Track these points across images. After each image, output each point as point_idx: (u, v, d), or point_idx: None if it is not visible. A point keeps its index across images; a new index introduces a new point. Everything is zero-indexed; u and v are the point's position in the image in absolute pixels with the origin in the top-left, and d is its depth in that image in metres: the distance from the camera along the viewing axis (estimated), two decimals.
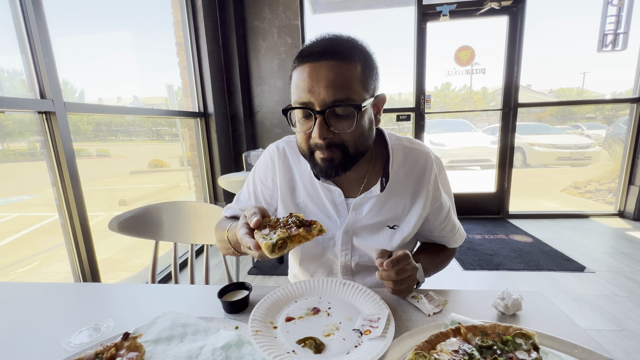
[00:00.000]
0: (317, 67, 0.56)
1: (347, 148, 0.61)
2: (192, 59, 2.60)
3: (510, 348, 0.44)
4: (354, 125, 0.57)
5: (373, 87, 0.62)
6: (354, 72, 0.57)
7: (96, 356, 0.46)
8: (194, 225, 1.07)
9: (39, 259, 2.03)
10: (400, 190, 0.72)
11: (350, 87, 0.56)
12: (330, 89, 0.55)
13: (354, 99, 0.57)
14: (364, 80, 0.58)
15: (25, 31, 1.27)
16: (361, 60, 0.58)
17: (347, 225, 0.73)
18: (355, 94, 0.57)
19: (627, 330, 1.50)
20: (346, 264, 0.76)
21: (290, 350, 0.49)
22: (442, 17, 2.89)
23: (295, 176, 0.77)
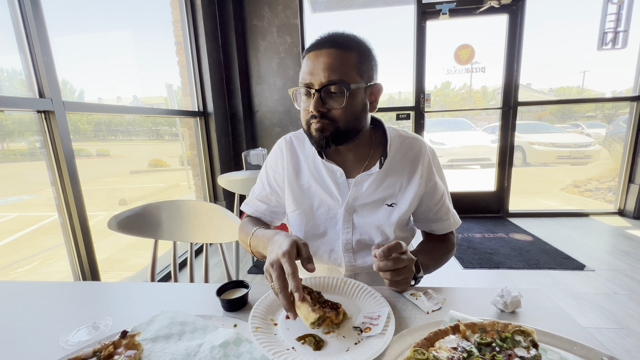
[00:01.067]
0: (319, 54, 0.66)
1: (338, 123, 0.69)
2: (192, 58, 2.60)
3: (509, 345, 0.44)
4: (344, 102, 0.66)
5: (368, 75, 0.70)
6: (350, 59, 0.66)
7: (94, 354, 0.45)
8: (194, 224, 1.07)
9: (38, 258, 2.03)
10: (397, 170, 0.78)
11: (344, 70, 0.65)
12: (326, 71, 0.65)
13: (346, 81, 0.66)
14: (358, 67, 0.67)
15: (23, 30, 1.27)
16: (357, 51, 0.67)
17: (348, 202, 0.77)
18: (349, 77, 0.66)
19: (627, 328, 1.50)
20: (347, 242, 0.79)
21: (290, 347, 0.49)
22: (441, 16, 2.89)
23: (300, 160, 0.84)
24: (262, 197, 0.88)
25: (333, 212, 0.79)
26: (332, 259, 0.81)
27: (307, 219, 0.81)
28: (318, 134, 0.70)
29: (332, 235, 0.81)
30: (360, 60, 0.67)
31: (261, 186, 0.89)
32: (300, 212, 0.81)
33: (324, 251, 0.82)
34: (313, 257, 0.81)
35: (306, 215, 0.81)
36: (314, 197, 0.81)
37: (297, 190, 0.82)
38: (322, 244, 0.82)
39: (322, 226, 0.81)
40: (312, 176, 0.81)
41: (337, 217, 0.80)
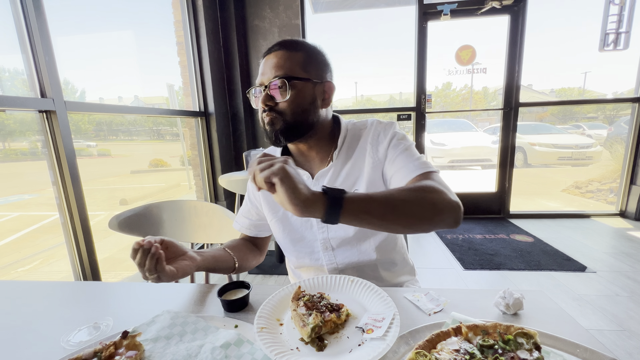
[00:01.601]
0: (269, 57, 0.73)
1: (285, 115, 0.72)
2: (193, 59, 2.60)
3: (511, 347, 0.43)
4: (287, 95, 0.70)
5: (316, 73, 0.74)
6: (295, 57, 0.72)
7: (95, 355, 0.45)
8: (194, 224, 1.07)
9: (39, 258, 2.03)
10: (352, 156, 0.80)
11: (289, 67, 0.71)
12: (273, 69, 0.71)
13: (290, 76, 0.70)
14: (304, 65, 0.72)
15: (25, 30, 1.27)
16: (304, 51, 0.73)
17: None
18: (293, 73, 0.71)
19: (629, 330, 1.49)
20: (325, 241, 0.80)
21: (294, 347, 0.49)
22: (443, 17, 2.89)
23: None
24: (245, 212, 0.91)
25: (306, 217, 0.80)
26: (313, 260, 0.82)
27: (284, 225, 0.83)
28: (269, 127, 0.74)
29: (309, 238, 0.82)
30: (306, 60, 0.72)
31: (245, 201, 0.92)
32: (277, 220, 0.84)
33: (304, 254, 0.83)
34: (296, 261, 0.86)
35: (282, 223, 0.83)
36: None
37: (271, 199, 0.84)
38: (303, 247, 0.83)
39: (299, 230, 0.82)
40: None
41: (310, 219, 0.80)
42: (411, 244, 2.59)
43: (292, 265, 0.91)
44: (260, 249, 0.92)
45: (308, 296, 0.58)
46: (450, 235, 2.77)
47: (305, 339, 0.50)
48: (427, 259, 2.33)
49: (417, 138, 3.17)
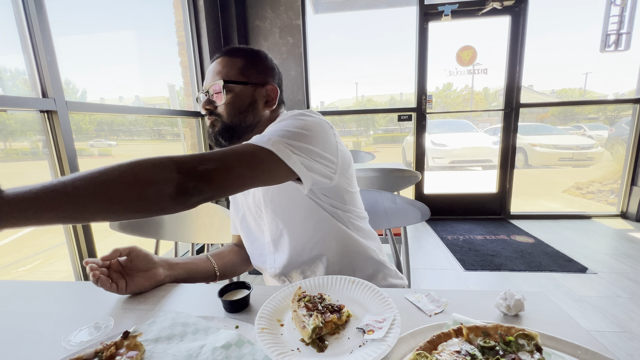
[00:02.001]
0: (212, 65, 0.76)
1: (223, 117, 0.75)
2: (194, 59, 2.60)
3: (512, 349, 0.43)
4: (223, 99, 0.73)
5: (255, 77, 0.76)
6: (234, 63, 0.74)
7: (96, 355, 0.45)
8: (195, 224, 1.07)
9: (40, 257, 2.03)
10: None
11: (227, 72, 0.73)
12: (213, 75, 0.75)
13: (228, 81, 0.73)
14: (243, 70, 0.75)
15: (27, 30, 1.28)
16: (244, 57, 0.75)
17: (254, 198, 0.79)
18: (230, 77, 0.73)
19: (630, 332, 1.49)
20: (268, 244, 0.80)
21: (295, 348, 0.49)
22: (443, 17, 2.89)
23: None
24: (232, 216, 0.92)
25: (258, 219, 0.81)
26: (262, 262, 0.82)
27: (242, 227, 0.84)
28: (210, 129, 0.77)
29: (261, 240, 0.82)
30: (245, 65, 0.75)
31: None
32: (238, 224, 0.85)
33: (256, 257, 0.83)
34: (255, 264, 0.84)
35: (241, 225, 0.84)
36: (241, 207, 0.84)
37: (233, 203, 0.87)
38: (256, 249, 0.83)
39: (253, 232, 0.83)
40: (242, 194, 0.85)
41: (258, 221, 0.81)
42: (411, 245, 2.58)
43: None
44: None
45: (309, 297, 0.58)
46: (451, 236, 2.77)
47: (306, 339, 0.50)
48: (427, 260, 2.33)
49: (418, 138, 3.17)
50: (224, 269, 0.82)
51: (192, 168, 0.47)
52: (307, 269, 0.78)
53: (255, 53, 0.78)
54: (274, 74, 0.80)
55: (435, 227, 3.04)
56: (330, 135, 0.70)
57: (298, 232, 0.75)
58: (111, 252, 0.66)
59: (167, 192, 0.45)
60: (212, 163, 0.49)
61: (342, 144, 0.74)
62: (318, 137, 0.65)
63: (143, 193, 0.44)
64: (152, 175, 0.45)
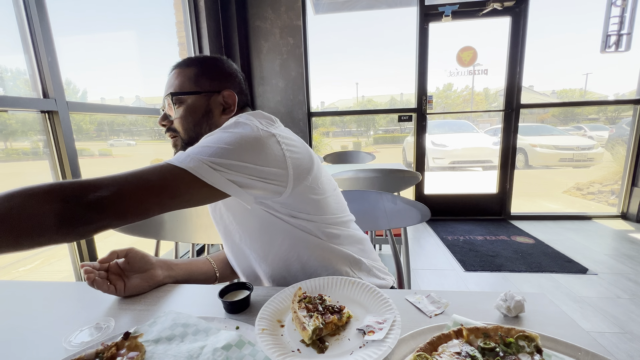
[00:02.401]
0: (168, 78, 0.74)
1: (179, 132, 0.73)
2: None
3: (513, 350, 0.43)
4: (174, 112, 0.71)
5: (209, 84, 0.72)
6: (186, 73, 0.72)
7: (97, 355, 0.45)
8: (195, 224, 1.07)
9: (40, 257, 2.03)
10: None
11: (178, 84, 0.71)
12: (167, 88, 0.72)
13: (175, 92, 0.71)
14: (196, 79, 0.72)
15: (28, 31, 1.28)
16: (197, 65, 0.73)
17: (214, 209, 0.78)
18: (181, 89, 0.71)
19: (630, 333, 1.49)
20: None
21: (295, 349, 0.49)
22: (444, 18, 2.89)
23: None
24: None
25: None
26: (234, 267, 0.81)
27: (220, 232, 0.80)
28: (174, 149, 0.75)
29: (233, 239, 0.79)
30: (198, 73, 0.72)
31: None
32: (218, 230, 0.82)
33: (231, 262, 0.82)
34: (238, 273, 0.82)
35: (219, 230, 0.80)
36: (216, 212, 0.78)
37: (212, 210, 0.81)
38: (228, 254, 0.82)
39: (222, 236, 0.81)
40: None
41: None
42: (411, 245, 2.58)
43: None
44: None
45: (309, 298, 0.58)
46: (451, 237, 2.77)
47: (306, 340, 0.50)
48: (427, 261, 2.33)
49: (418, 139, 3.17)
50: (224, 271, 0.82)
51: (80, 196, 0.43)
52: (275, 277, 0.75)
53: (210, 59, 0.75)
54: (232, 79, 0.76)
55: (436, 227, 3.04)
56: (271, 145, 0.60)
57: (257, 243, 0.72)
58: (108, 255, 0.66)
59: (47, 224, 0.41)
60: (105, 190, 0.45)
61: (296, 149, 0.64)
62: (252, 152, 0.57)
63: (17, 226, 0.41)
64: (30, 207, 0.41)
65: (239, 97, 0.75)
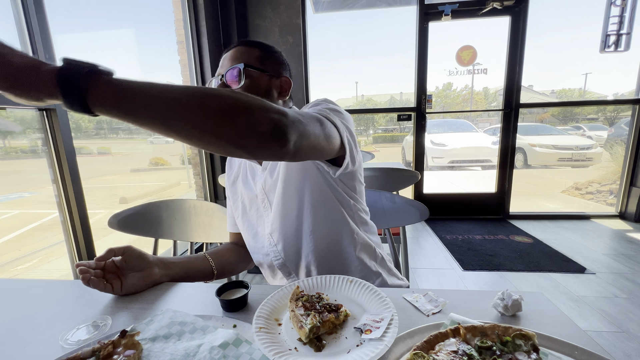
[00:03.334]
0: (227, 52, 0.77)
1: None
2: (193, 58, 2.60)
3: (509, 349, 0.43)
4: (241, 82, 0.73)
5: (271, 68, 0.77)
6: (252, 52, 0.76)
7: (93, 353, 0.45)
8: (194, 223, 1.07)
9: (39, 256, 2.03)
10: None
11: (245, 59, 0.74)
12: (230, 60, 0.75)
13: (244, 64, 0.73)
14: (261, 59, 0.76)
15: (26, 28, 1.27)
16: (260, 48, 0.77)
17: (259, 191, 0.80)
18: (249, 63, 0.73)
19: (627, 332, 1.49)
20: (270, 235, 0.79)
21: (292, 347, 0.49)
22: (444, 17, 2.88)
23: (235, 170, 0.90)
24: (229, 211, 0.93)
25: (258, 208, 0.82)
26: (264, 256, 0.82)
27: (243, 222, 0.84)
28: None
29: (261, 233, 0.82)
30: (262, 55, 0.76)
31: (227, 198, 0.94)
32: (239, 217, 0.86)
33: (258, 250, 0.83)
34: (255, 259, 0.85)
35: (242, 219, 0.85)
36: (244, 199, 0.84)
37: (235, 198, 0.87)
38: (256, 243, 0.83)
39: (254, 226, 0.83)
40: (242, 180, 0.86)
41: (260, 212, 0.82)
42: (410, 245, 2.59)
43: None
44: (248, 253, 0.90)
45: (306, 296, 0.58)
46: (450, 236, 2.77)
47: (304, 339, 0.50)
48: (426, 260, 2.34)
49: (417, 138, 3.17)
50: (222, 267, 0.82)
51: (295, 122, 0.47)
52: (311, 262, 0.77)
53: (271, 47, 0.80)
54: (286, 68, 0.82)
55: (434, 226, 3.04)
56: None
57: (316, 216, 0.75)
58: (105, 253, 0.66)
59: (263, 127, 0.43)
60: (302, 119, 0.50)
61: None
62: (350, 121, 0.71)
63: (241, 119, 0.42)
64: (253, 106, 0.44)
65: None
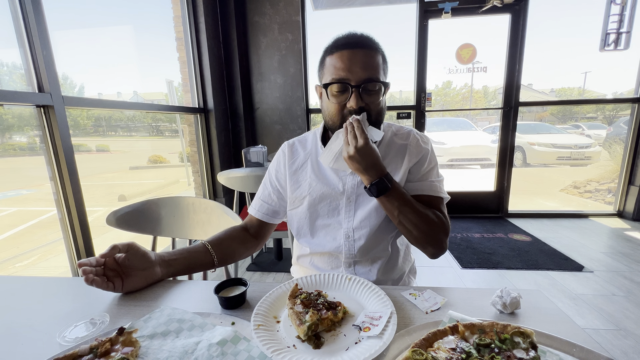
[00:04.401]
0: (354, 53, 0.72)
1: (374, 117, 0.76)
2: (192, 55, 2.58)
3: (508, 346, 0.44)
4: (379, 98, 0.75)
5: (387, 74, 0.79)
6: (379, 60, 0.74)
7: (91, 351, 0.45)
8: (192, 220, 1.07)
9: (37, 253, 2.03)
10: (390, 156, 0.84)
11: (377, 70, 0.73)
12: (365, 70, 0.71)
13: (379, 79, 0.73)
14: (383, 68, 0.76)
15: (23, 24, 1.26)
16: (381, 53, 0.76)
17: (348, 191, 0.83)
18: (380, 76, 0.74)
19: (625, 329, 1.50)
20: (348, 230, 0.83)
21: (291, 344, 0.49)
22: (444, 15, 2.87)
23: (301, 158, 0.90)
24: (265, 197, 0.92)
25: (335, 204, 0.83)
26: (333, 248, 0.84)
27: (310, 213, 0.85)
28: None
29: (334, 226, 0.84)
30: (383, 61, 0.76)
31: (263, 187, 0.94)
32: (303, 207, 0.85)
33: (326, 242, 0.85)
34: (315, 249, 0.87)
35: (309, 210, 0.85)
36: (315, 191, 0.84)
37: (298, 187, 0.86)
38: (326, 234, 0.85)
39: (324, 218, 0.84)
40: (314, 173, 0.86)
41: (339, 208, 0.83)
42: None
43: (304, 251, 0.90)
44: (261, 238, 0.92)
45: (305, 294, 0.58)
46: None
47: (302, 336, 0.50)
48: (425, 258, 2.33)
49: None
50: (223, 255, 0.80)
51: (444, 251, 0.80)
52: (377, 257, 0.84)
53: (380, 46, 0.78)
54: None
55: None
56: None
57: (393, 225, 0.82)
58: (109, 250, 0.65)
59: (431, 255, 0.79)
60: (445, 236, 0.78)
61: None
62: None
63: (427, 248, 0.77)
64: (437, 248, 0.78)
65: None
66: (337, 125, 0.77)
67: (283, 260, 2.35)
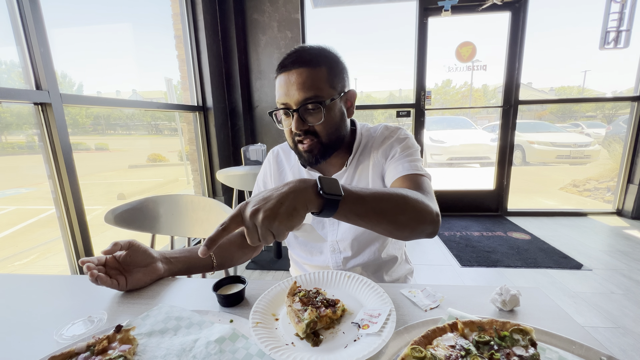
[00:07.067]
0: (290, 75, 0.69)
1: (321, 138, 0.73)
2: (191, 52, 2.57)
3: (507, 344, 0.43)
4: (322, 117, 0.70)
5: (340, 85, 0.73)
6: (320, 75, 0.69)
7: (88, 348, 0.45)
8: (191, 218, 1.06)
9: (36, 252, 2.02)
10: (364, 163, 0.82)
11: (317, 87, 0.68)
12: (300, 91, 0.68)
13: (321, 96, 0.69)
14: (330, 81, 0.70)
15: (20, 22, 1.25)
16: (326, 64, 0.70)
17: None
18: (322, 92, 0.69)
19: (623, 327, 1.50)
20: (333, 243, 0.83)
21: (289, 342, 0.49)
22: (443, 13, 2.87)
23: (286, 171, 0.89)
24: None
25: (319, 218, 0.79)
26: (320, 261, 0.85)
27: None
28: (307, 154, 0.75)
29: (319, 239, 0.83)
30: (330, 73, 0.70)
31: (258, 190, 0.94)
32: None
33: (313, 255, 0.86)
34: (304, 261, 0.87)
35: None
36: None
37: None
38: (312, 248, 0.86)
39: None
40: None
41: (323, 221, 0.84)
42: (409, 242, 2.59)
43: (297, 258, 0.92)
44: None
45: (304, 292, 0.58)
46: (448, 233, 2.78)
47: (301, 334, 0.49)
48: (424, 256, 2.34)
49: (416, 135, 3.17)
50: (222, 259, 0.80)
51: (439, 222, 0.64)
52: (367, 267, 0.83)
53: (333, 56, 0.72)
54: (348, 75, 0.76)
55: None
56: None
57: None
58: (111, 247, 0.65)
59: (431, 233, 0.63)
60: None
61: None
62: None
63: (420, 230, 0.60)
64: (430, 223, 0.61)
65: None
66: (294, 149, 0.77)
67: (282, 258, 2.35)
